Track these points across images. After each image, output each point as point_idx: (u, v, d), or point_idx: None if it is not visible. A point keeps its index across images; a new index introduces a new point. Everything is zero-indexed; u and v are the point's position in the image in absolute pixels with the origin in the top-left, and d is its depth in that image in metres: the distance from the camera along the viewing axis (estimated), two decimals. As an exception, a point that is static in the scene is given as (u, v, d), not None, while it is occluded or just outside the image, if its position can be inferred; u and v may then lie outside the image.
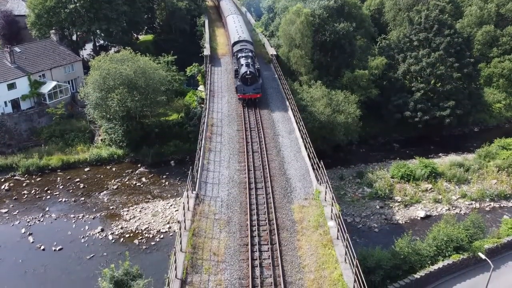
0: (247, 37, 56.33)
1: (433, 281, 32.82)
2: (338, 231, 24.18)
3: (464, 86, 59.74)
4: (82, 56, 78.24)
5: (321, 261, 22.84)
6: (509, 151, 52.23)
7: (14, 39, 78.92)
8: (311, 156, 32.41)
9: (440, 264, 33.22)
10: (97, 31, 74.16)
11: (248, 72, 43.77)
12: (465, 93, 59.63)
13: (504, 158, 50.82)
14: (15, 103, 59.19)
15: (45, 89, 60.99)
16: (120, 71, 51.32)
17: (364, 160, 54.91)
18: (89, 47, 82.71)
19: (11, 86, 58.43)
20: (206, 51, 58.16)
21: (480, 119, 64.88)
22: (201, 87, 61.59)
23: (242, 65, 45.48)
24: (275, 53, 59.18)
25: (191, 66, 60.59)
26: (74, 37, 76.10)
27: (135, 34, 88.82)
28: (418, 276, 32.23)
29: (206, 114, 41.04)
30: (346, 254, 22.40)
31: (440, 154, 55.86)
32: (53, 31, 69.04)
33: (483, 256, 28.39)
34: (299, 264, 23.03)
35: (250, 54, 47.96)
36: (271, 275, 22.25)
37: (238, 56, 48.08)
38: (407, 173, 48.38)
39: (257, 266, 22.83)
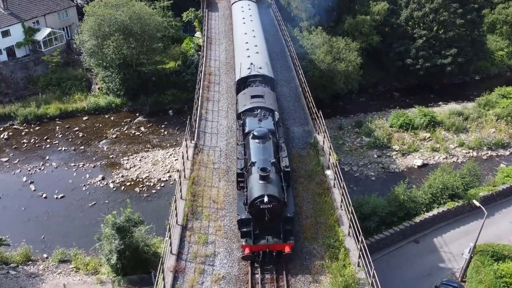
0: (265, 67, 30.56)
1: (428, 228, 33.70)
2: (334, 179, 24.49)
3: (467, 33, 58.49)
4: (76, 1, 75.84)
5: (317, 208, 23.30)
6: (509, 99, 51.96)
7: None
8: (310, 106, 32.22)
9: (435, 211, 33.96)
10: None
11: (266, 198, 18.70)
12: (468, 40, 58.48)
13: (503, 107, 50.66)
14: (10, 51, 58.05)
15: (40, 36, 59.69)
16: (115, 17, 50.14)
17: (363, 110, 54.73)
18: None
19: (5, 34, 57.08)
20: (203, -5, 56.19)
21: (482, 67, 64.02)
22: (198, 34, 60.25)
23: (251, 165, 20.81)
24: (274, -4, 57.31)
25: (188, 12, 58.89)
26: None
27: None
28: (413, 223, 33.04)
29: (204, 62, 40.33)
30: (342, 201, 22.83)
31: (440, 103, 55.61)
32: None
33: (477, 204, 28.90)
34: (296, 211, 23.44)
35: (271, 125, 24.07)
36: (269, 221, 22.14)
37: (246, 131, 23.73)
38: (406, 122, 48.39)
39: (255, 213, 23.01)
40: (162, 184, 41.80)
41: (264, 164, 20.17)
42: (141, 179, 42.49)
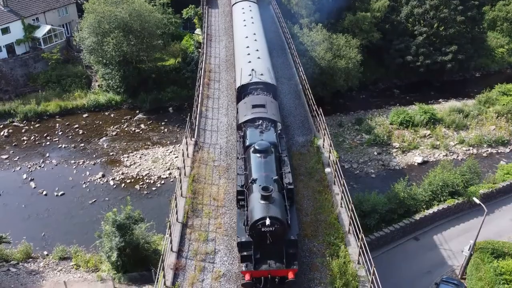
0: (267, 73, 29.12)
1: (428, 225, 33.71)
2: (335, 177, 24.48)
3: (467, 30, 58.48)
4: (76, -2, 75.80)
5: (318, 206, 23.29)
6: (509, 96, 51.95)
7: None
8: (310, 103, 32.17)
9: (435, 209, 33.97)
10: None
11: (267, 221, 17.24)
12: (468, 37, 58.49)
13: (504, 104, 50.66)
14: (10, 48, 58.02)
15: (40, 33, 59.65)
16: (115, 14, 50.12)
17: (363, 107, 54.70)
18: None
19: (5, 31, 57.04)
20: (203, -8, 56.03)
21: (482, 64, 63.95)
22: (198, 31, 60.15)
23: (252, 182, 19.46)
24: (275, -7, 57.09)
25: (187, 8, 58.91)
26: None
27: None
28: (413, 220, 33.06)
29: (204, 59, 40.22)
30: (342, 199, 22.81)
31: (440, 100, 55.64)
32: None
33: (477, 201, 28.91)
34: (296, 208, 23.44)
35: (274, 137, 22.73)
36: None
37: (247, 144, 22.32)
38: (406, 119, 48.39)
39: (255, 211, 22.95)
40: (162, 182, 41.82)
41: (266, 182, 18.90)
42: (141, 177, 42.51)
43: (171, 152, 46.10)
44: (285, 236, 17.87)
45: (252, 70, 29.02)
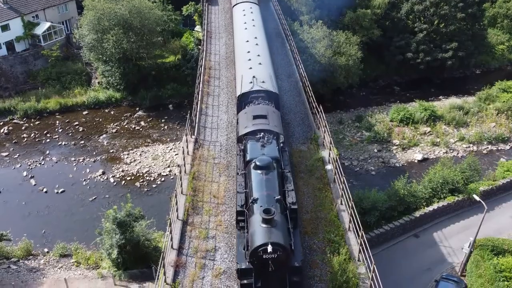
0: (268, 81, 28.17)
1: (428, 222, 33.74)
2: (335, 174, 24.49)
3: (467, 27, 58.42)
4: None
5: (318, 203, 23.32)
6: (509, 94, 51.88)
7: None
8: (310, 101, 32.14)
9: (435, 206, 33.99)
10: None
11: (269, 247, 15.78)
12: (468, 34, 58.42)
13: (504, 101, 50.61)
14: (9, 45, 57.94)
15: (39, 30, 59.55)
16: (114, 11, 50.08)
17: (363, 104, 54.67)
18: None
19: (5, 28, 56.92)
20: (203, -11, 55.89)
21: (482, 61, 63.93)
22: (197, 28, 60.09)
23: (252, 202, 18.19)
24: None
25: (187, 5, 58.80)
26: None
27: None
28: (413, 217, 33.07)
29: (204, 57, 40.17)
30: (342, 196, 22.84)
31: (441, 97, 55.57)
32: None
33: (477, 198, 28.90)
34: (297, 206, 23.43)
35: (276, 151, 21.47)
36: (268, 216, 22.18)
37: (247, 159, 21.21)
38: (406, 116, 48.35)
39: (255, 208, 22.94)
40: (163, 179, 41.82)
41: (267, 202, 17.60)
42: (141, 174, 42.51)
43: (171, 149, 46.09)
44: (288, 263, 16.57)
45: (253, 77, 28.03)
